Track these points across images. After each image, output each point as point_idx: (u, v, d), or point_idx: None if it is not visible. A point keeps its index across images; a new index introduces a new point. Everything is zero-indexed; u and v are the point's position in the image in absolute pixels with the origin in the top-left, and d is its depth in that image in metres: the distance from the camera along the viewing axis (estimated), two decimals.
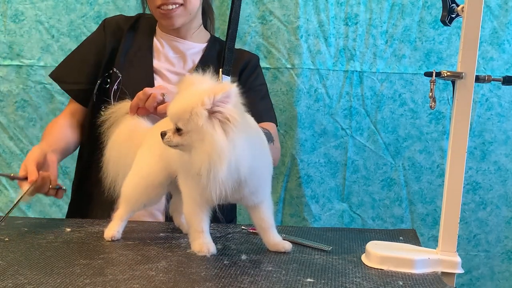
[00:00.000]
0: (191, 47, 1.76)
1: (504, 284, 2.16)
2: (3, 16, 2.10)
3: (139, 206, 1.36)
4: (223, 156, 1.08)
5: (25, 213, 2.15)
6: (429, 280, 1.10)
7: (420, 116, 2.11)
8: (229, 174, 1.10)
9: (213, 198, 1.16)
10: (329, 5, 2.08)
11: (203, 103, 1.08)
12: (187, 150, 1.13)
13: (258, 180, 1.21)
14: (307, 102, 2.10)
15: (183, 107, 1.10)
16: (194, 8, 1.68)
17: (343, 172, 2.14)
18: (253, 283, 1.04)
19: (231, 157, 1.09)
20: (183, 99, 1.13)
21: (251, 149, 1.14)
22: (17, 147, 2.14)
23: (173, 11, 1.64)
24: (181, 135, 1.12)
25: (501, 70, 2.08)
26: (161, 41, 1.75)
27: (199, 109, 1.08)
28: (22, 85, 2.12)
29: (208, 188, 1.11)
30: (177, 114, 1.12)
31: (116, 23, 1.77)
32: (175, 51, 1.75)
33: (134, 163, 1.36)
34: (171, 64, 1.73)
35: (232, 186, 1.13)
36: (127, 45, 1.73)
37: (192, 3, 1.65)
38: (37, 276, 1.06)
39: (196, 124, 1.08)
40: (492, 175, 2.13)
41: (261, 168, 1.21)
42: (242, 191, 1.17)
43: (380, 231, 1.53)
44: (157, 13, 1.67)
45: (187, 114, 1.09)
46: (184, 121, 1.10)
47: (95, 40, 1.77)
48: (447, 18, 1.17)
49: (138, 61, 1.71)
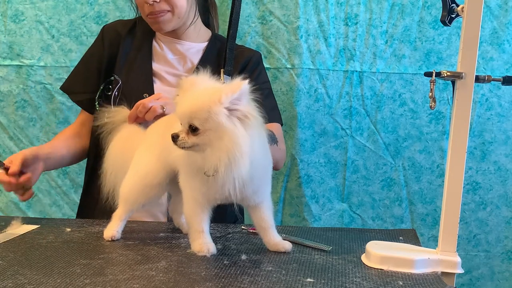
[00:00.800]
0: (191, 47, 1.75)
1: (504, 284, 2.16)
2: (3, 16, 2.10)
3: (137, 206, 1.36)
4: (246, 152, 1.09)
5: (25, 213, 2.15)
6: (429, 280, 1.10)
7: (420, 116, 2.11)
8: (249, 170, 1.11)
9: (221, 196, 1.16)
10: (329, 5, 2.08)
11: (221, 101, 1.08)
12: (200, 149, 1.12)
13: (261, 179, 1.21)
14: (307, 102, 2.10)
15: (199, 106, 1.09)
16: (182, 12, 1.66)
17: (343, 172, 2.14)
18: (253, 283, 1.04)
19: (251, 154, 1.10)
20: (196, 98, 1.12)
21: (263, 147, 1.17)
22: (17, 147, 2.14)
23: (161, 17, 1.64)
24: (198, 135, 1.10)
25: (501, 70, 2.08)
26: (160, 44, 1.75)
27: (217, 108, 1.08)
28: (22, 85, 2.12)
29: (226, 185, 1.12)
30: (192, 113, 1.10)
31: (114, 30, 1.77)
32: (174, 53, 1.74)
33: (132, 163, 1.36)
34: (171, 66, 1.72)
35: (243, 184, 1.13)
36: (126, 49, 1.73)
37: (179, 7, 1.64)
38: (37, 276, 1.06)
39: (215, 122, 1.08)
40: (492, 175, 2.13)
41: (266, 167, 1.22)
42: (245, 190, 1.18)
43: (380, 231, 1.53)
44: (147, 19, 1.68)
45: (205, 113, 1.08)
46: (201, 120, 1.09)
47: (95, 49, 1.78)
48: (447, 18, 1.17)
49: (137, 64, 1.71)
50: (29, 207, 2.16)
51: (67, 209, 2.16)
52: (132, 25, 1.78)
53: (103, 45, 1.75)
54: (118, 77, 1.69)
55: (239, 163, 1.09)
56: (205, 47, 1.76)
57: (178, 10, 1.65)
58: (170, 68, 1.72)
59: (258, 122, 1.13)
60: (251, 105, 1.12)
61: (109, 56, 1.73)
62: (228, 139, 1.08)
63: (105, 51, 1.74)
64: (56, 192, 2.17)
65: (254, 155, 1.11)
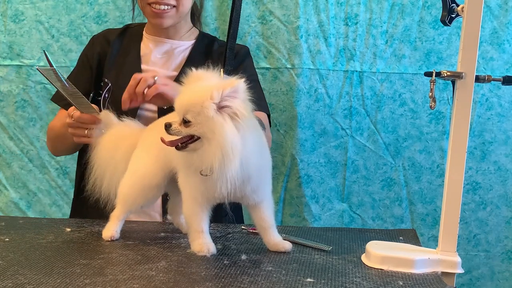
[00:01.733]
0: (179, 45, 1.76)
1: (504, 284, 2.16)
2: (3, 16, 2.10)
3: (136, 206, 1.36)
4: (236, 150, 1.10)
5: (25, 213, 2.15)
6: (429, 280, 1.10)
7: (420, 116, 2.11)
8: (240, 170, 1.11)
9: (219, 195, 1.17)
10: (329, 5, 2.08)
11: (212, 97, 1.10)
12: (194, 149, 1.13)
13: (260, 178, 1.21)
14: (307, 102, 2.10)
15: (193, 99, 1.12)
16: (185, 11, 1.69)
17: (343, 172, 2.14)
18: (253, 283, 1.04)
19: (242, 152, 1.10)
20: (192, 92, 1.14)
21: (259, 146, 1.17)
22: (17, 147, 2.14)
23: (165, 12, 1.65)
24: (189, 127, 1.12)
25: (501, 70, 2.08)
26: (147, 45, 1.76)
27: (208, 102, 1.10)
28: (22, 85, 2.12)
29: (218, 184, 1.12)
30: (186, 106, 1.12)
31: (103, 36, 1.79)
32: (162, 52, 1.75)
33: (130, 164, 1.36)
34: (159, 66, 1.74)
35: (239, 183, 1.14)
36: (114, 52, 1.75)
37: (184, 6, 1.66)
38: (37, 276, 1.06)
39: (206, 117, 1.10)
40: (492, 175, 2.13)
41: (264, 166, 1.22)
42: (244, 189, 1.18)
43: (380, 231, 1.53)
44: (148, 10, 1.68)
45: (198, 106, 1.10)
46: (194, 113, 1.11)
47: (85, 56, 1.78)
48: (447, 18, 1.17)
49: (126, 68, 1.71)
50: (29, 207, 2.16)
51: (67, 209, 2.16)
52: (120, 31, 1.80)
53: (93, 50, 1.76)
54: (108, 80, 1.70)
55: (230, 159, 1.09)
56: (192, 45, 1.77)
57: (183, 8, 1.67)
58: (158, 68, 1.73)
59: (251, 122, 1.14)
60: (245, 104, 1.13)
61: (98, 59, 1.74)
62: (218, 134, 1.10)
63: (94, 55, 1.74)
64: (56, 192, 2.17)
65: (247, 154, 1.12)
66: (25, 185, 2.15)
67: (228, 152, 1.09)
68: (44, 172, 2.15)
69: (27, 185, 2.15)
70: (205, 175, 1.13)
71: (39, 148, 2.14)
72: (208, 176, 1.13)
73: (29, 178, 2.15)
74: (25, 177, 2.15)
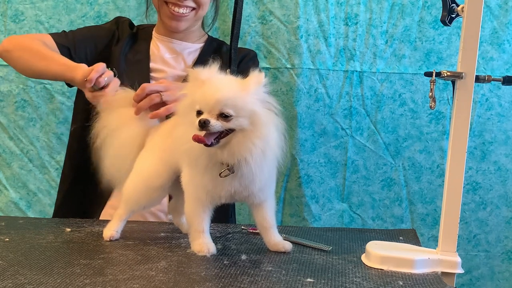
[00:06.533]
0: (188, 47, 1.78)
1: (504, 284, 2.16)
2: (3, 16, 2.10)
3: (139, 207, 1.37)
4: (274, 144, 1.14)
5: (25, 213, 2.15)
6: (429, 280, 1.10)
7: (420, 116, 2.11)
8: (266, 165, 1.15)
9: (232, 194, 1.18)
10: (329, 5, 2.08)
11: (253, 90, 1.12)
12: (226, 143, 1.13)
13: (269, 175, 1.21)
14: (307, 102, 2.10)
15: (231, 94, 1.11)
16: (203, 15, 1.72)
17: (343, 172, 2.14)
18: (253, 283, 1.04)
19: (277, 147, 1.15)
20: (226, 87, 1.13)
21: (280, 141, 1.18)
22: (17, 147, 2.14)
23: (184, 16, 1.66)
24: (230, 121, 1.11)
25: (501, 70, 2.08)
26: (156, 45, 1.78)
27: (251, 96, 1.12)
28: (22, 85, 2.12)
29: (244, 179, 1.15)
30: (224, 101, 1.10)
31: (129, 23, 1.81)
32: (171, 52, 1.77)
33: (136, 164, 1.36)
34: (167, 65, 1.74)
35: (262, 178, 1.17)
36: (125, 49, 1.74)
37: (204, 9, 1.69)
38: (37, 276, 1.06)
39: (250, 110, 1.11)
40: (492, 175, 2.13)
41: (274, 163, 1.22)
42: (254, 187, 1.18)
43: (380, 231, 1.53)
44: (165, 11, 1.68)
45: (239, 100, 1.11)
46: (234, 107, 1.10)
47: (107, 28, 1.79)
48: (447, 18, 1.17)
49: (135, 65, 1.72)
50: (29, 207, 2.16)
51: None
52: (135, 30, 1.81)
53: (117, 28, 1.77)
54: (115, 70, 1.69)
55: (267, 153, 1.13)
56: (201, 48, 1.79)
57: (202, 12, 1.70)
58: (166, 67, 1.74)
59: (279, 116, 1.18)
60: (272, 97, 1.16)
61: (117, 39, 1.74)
62: (262, 126, 1.12)
63: (109, 33, 1.75)
64: (56, 192, 2.16)
65: (278, 148, 1.16)
66: (25, 185, 2.15)
67: (266, 145, 1.12)
68: (44, 172, 2.15)
69: (27, 185, 2.15)
70: (225, 175, 1.14)
71: (39, 148, 2.14)
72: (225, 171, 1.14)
73: (29, 178, 2.15)
74: (25, 177, 2.15)
